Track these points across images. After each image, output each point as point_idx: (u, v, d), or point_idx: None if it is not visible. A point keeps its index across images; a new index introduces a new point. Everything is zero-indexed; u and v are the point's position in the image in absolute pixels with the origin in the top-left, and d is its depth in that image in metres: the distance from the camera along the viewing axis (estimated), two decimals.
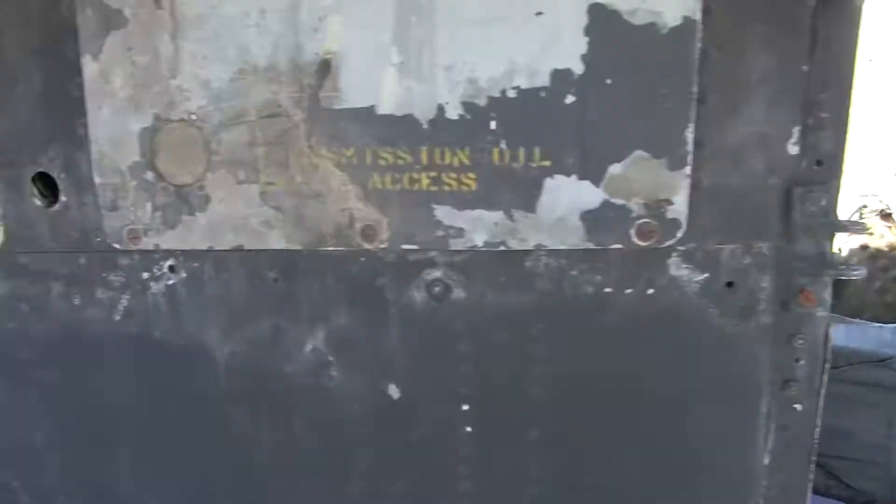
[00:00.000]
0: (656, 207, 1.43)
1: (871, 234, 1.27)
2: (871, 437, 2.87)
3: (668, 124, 1.39)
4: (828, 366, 1.49)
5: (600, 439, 1.56)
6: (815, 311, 1.44)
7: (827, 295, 1.43)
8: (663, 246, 1.44)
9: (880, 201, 3.72)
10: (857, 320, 3.13)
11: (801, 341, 1.45)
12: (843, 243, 3.62)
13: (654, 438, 1.54)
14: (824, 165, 1.39)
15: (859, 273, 1.42)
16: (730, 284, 1.45)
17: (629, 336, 1.50)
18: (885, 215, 3.69)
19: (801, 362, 1.46)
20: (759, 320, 1.46)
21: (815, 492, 3.06)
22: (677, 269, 1.46)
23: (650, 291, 1.47)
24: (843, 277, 1.43)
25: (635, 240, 1.44)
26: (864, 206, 3.76)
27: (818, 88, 1.36)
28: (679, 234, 1.43)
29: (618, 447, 1.56)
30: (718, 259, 1.44)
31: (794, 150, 1.39)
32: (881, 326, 3.00)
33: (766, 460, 1.51)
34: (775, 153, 1.39)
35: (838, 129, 1.38)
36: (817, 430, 1.51)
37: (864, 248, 3.55)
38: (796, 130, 1.38)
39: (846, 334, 2.98)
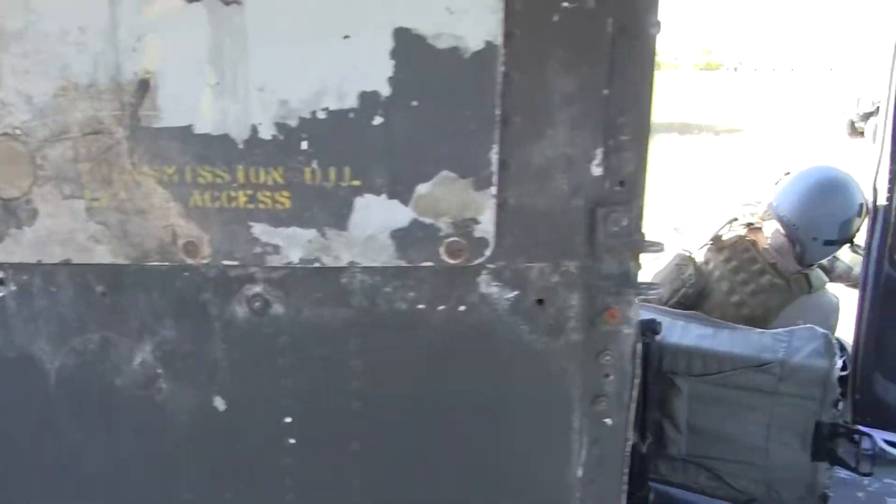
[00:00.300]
0: (464, 226, 1.46)
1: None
2: (752, 439, 2.93)
3: (472, 145, 1.42)
4: (637, 381, 1.53)
5: (419, 452, 1.60)
6: (621, 329, 1.48)
7: (632, 313, 1.47)
8: (473, 264, 1.48)
9: (752, 214, 3.78)
10: (742, 326, 3.19)
11: (608, 358, 1.50)
12: (709, 255, 3.69)
13: (471, 452, 1.58)
14: (626, 186, 1.42)
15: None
16: (540, 302, 1.49)
17: (443, 352, 1.53)
18: (754, 229, 3.75)
19: (610, 378, 1.50)
20: (568, 337, 1.50)
21: (701, 492, 3.15)
22: (487, 286, 1.49)
23: (462, 308, 1.51)
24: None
25: (445, 258, 1.48)
26: (735, 219, 3.82)
27: (618, 112, 1.40)
28: (487, 253, 1.47)
29: (436, 460, 1.60)
30: (527, 277, 1.48)
31: (597, 171, 1.43)
32: (762, 332, 3.06)
33: (580, 473, 1.55)
34: (579, 174, 1.43)
35: (638, 151, 1.41)
36: (629, 443, 1.55)
37: (728, 261, 3.62)
38: (599, 152, 1.42)
39: (730, 340, 3.04)
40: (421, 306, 1.52)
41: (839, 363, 3.20)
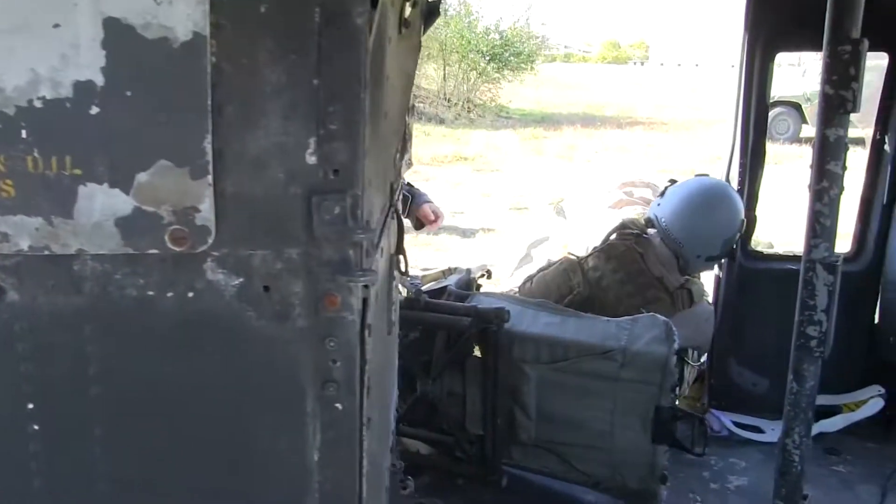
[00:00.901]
0: (185, 215, 1.47)
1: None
2: (598, 424, 3.02)
3: (187, 135, 1.44)
4: (368, 367, 1.56)
5: (160, 437, 1.61)
6: (345, 315, 1.51)
7: (355, 300, 1.50)
8: (197, 251, 1.49)
9: (638, 215, 3.87)
10: (589, 315, 3.28)
11: (332, 344, 1.52)
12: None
13: (211, 436, 1.60)
14: (340, 175, 1.46)
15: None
16: (266, 289, 1.52)
17: (176, 338, 1.55)
18: (643, 239, 3.78)
19: (338, 364, 1.53)
20: (295, 323, 1.53)
21: (552, 476, 3.24)
22: (213, 273, 1.51)
23: (190, 295, 1.52)
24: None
25: (170, 245, 1.49)
26: (625, 227, 3.87)
27: (328, 102, 1.43)
28: (210, 240, 1.48)
29: (178, 445, 1.61)
30: (251, 264, 1.51)
31: (311, 160, 1.45)
32: (608, 320, 3.15)
33: (316, 457, 1.58)
34: (294, 163, 1.46)
35: (351, 140, 1.45)
36: (364, 427, 1.58)
37: (616, 271, 3.65)
38: (312, 141, 1.44)
39: (577, 327, 3.12)
40: (151, 293, 1.53)
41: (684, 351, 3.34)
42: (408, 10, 2.02)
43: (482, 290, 3.89)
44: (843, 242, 3.99)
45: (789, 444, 2.54)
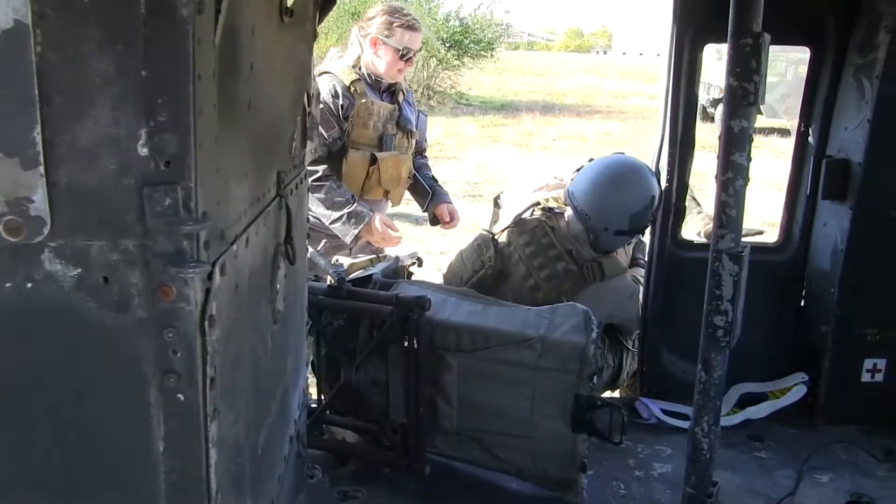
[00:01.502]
0: (18, 205, 1.44)
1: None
2: (518, 412, 3.03)
3: (15, 125, 1.41)
4: (213, 358, 1.55)
5: (9, 430, 1.58)
6: (182, 307, 1.50)
7: (192, 291, 1.49)
8: (34, 242, 1.47)
9: (555, 199, 3.88)
10: (512, 303, 3.29)
11: (171, 335, 1.51)
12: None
13: (55, 429, 1.59)
14: (172, 167, 1.45)
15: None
16: (105, 280, 1.50)
17: (16, 329, 1.52)
18: (556, 214, 3.81)
19: (178, 355, 1.52)
20: (135, 315, 1.51)
21: (475, 464, 3.25)
22: (51, 264, 1.49)
23: (30, 286, 1.50)
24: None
25: (5, 236, 1.46)
26: (538, 203, 3.91)
27: (156, 93, 1.41)
28: (45, 231, 1.46)
29: (20, 439, 1.59)
30: (89, 255, 1.49)
31: (143, 151, 1.44)
32: (528, 309, 3.15)
33: (161, 447, 1.57)
34: (126, 154, 1.44)
35: (181, 132, 1.43)
36: (209, 418, 1.58)
37: (527, 244, 3.68)
38: (143, 133, 1.43)
39: (497, 316, 3.12)
40: None
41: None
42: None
43: (414, 277, 3.88)
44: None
45: (698, 433, 2.57)
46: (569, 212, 3.78)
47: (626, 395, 4.29)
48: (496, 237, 3.80)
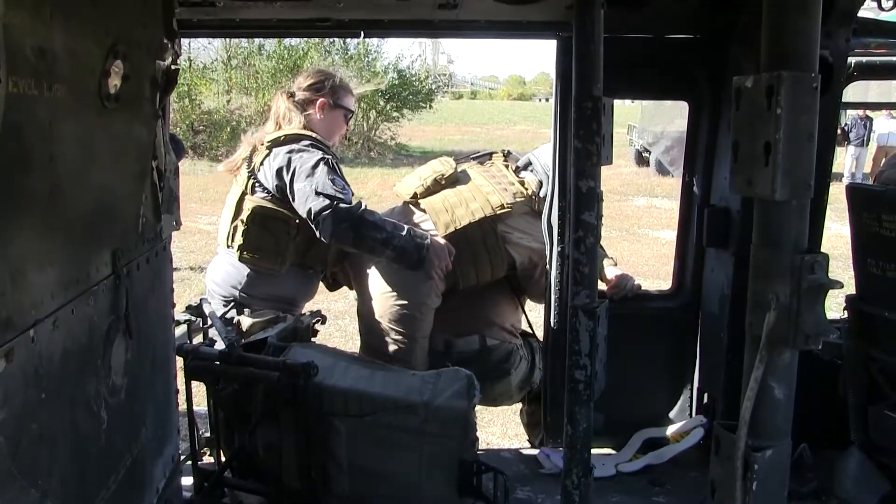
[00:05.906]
0: None
1: None
2: (407, 476, 3.04)
3: None
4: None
5: None
6: None
7: None
8: None
9: None
10: (397, 368, 3.33)
11: None
12: None
13: None
14: None
15: None
16: None
17: None
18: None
19: None
20: None
21: None
22: None
23: None
24: None
25: None
26: None
27: None
28: None
29: None
30: None
31: None
32: (414, 374, 3.20)
33: None
34: None
35: None
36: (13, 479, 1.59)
37: None
38: None
39: (383, 381, 3.14)
40: None
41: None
42: (114, 86, 2.02)
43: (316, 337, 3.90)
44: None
45: (569, 485, 2.61)
46: None
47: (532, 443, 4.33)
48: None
